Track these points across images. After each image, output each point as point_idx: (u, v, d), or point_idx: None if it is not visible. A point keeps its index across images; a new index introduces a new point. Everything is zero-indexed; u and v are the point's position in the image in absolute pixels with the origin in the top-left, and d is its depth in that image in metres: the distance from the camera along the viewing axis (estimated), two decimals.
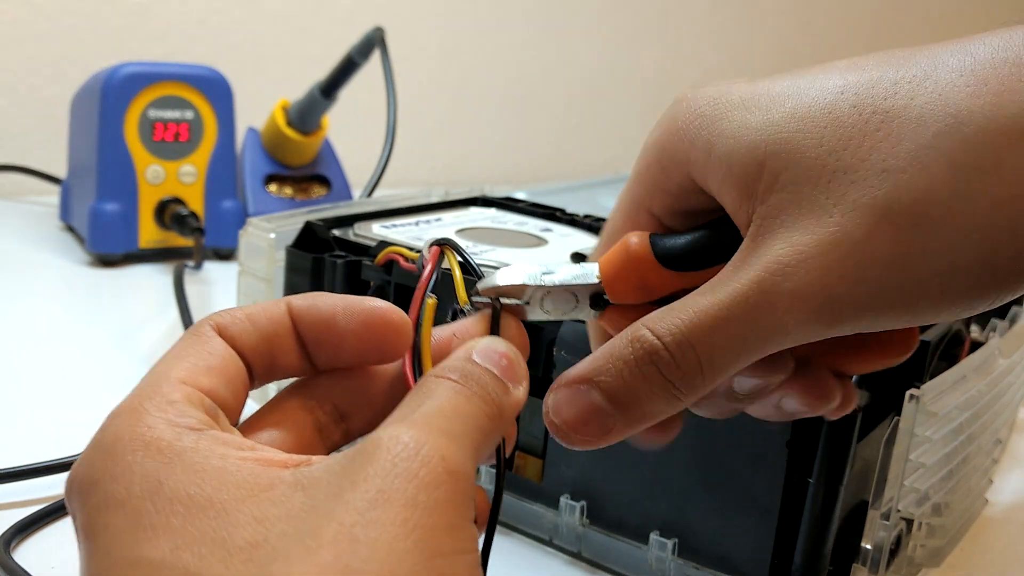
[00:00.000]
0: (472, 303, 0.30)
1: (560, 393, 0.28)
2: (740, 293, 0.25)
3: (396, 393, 0.28)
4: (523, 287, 0.29)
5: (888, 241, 0.24)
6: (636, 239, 0.29)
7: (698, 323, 0.26)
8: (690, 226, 0.30)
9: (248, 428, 0.28)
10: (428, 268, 0.29)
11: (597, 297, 0.29)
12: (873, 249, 0.24)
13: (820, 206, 0.24)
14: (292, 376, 0.29)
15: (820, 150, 0.25)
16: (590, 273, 0.29)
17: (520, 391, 0.27)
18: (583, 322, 0.32)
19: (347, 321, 0.28)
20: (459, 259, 0.30)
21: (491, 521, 0.28)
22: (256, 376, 0.28)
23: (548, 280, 0.29)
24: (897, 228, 0.23)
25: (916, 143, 0.24)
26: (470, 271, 0.30)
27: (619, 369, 0.27)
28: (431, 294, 0.29)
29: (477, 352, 0.27)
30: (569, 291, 0.29)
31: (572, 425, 0.28)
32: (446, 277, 0.29)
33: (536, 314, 0.29)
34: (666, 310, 0.27)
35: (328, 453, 0.29)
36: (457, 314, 0.30)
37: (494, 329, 0.29)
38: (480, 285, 0.29)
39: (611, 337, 0.29)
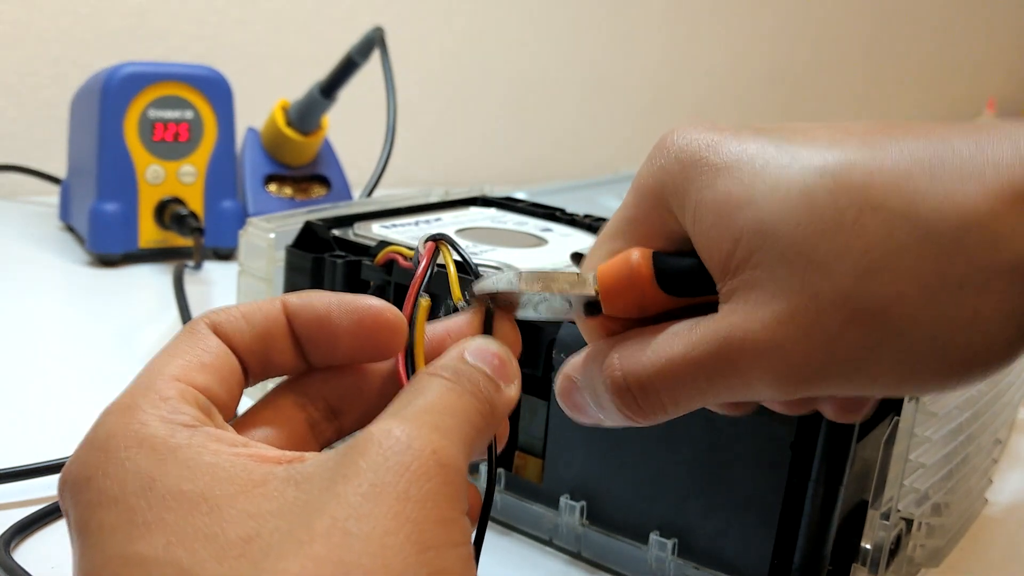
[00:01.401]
0: (466, 300, 0.30)
1: (562, 382, 0.31)
2: (710, 352, 0.26)
3: (389, 390, 0.28)
4: (519, 293, 0.29)
5: (856, 336, 0.25)
6: (638, 256, 0.29)
7: (666, 370, 0.27)
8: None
9: (241, 425, 0.28)
10: (422, 265, 0.29)
11: (592, 305, 0.29)
12: (842, 341, 0.25)
13: (796, 293, 0.25)
14: (287, 374, 0.29)
15: (795, 235, 0.25)
16: (588, 283, 0.29)
17: (512, 390, 0.27)
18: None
19: (342, 319, 0.28)
20: (454, 254, 0.30)
21: (483, 517, 0.28)
22: (251, 374, 0.28)
23: (544, 288, 0.29)
24: (867, 328, 0.25)
25: (887, 250, 0.24)
26: (466, 265, 0.30)
27: (592, 385, 0.29)
28: (424, 294, 0.29)
29: (469, 352, 0.27)
30: (564, 298, 0.29)
31: (572, 409, 0.31)
32: (441, 272, 0.29)
33: (528, 314, 0.30)
34: (639, 346, 0.28)
35: (321, 449, 0.29)
36: (451, 309, 0.30)
37: (487, 328, 0.29)
38: (475, 288, 0.29)
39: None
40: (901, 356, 0.25)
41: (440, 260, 0.30)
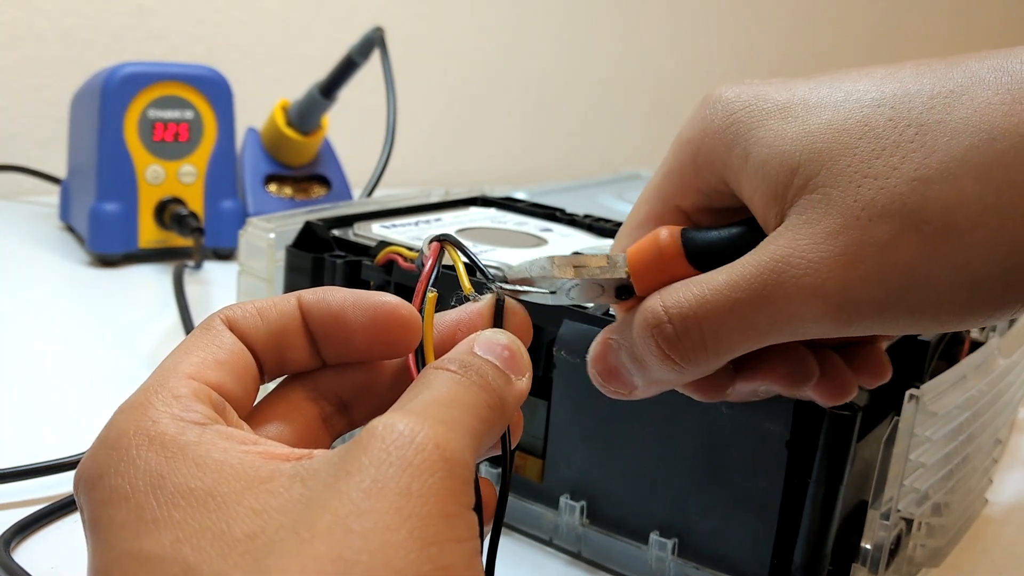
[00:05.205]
0: (477, 290, 0.30)
1: (596, 346, 0.30)
2: (755, 277, 0.26)
3: (400, 385, 0.28)
4: (552, 279, 0.29)
5: (913, 248, 0.24)
6: (667, 234, 0.29)
7: (708, 301, 0.26)
8: (718, 223, 0.30)
9: (253, 419, 0.28)
10: (429, 263, 0.29)
11: (623, 288, 0.29)
12: (897, 254, 0.24)
13: (848, 208, 0.24)
14: (301, 370, 0.29)
15: (853, 158, 0.25)
16: (619, 266, 0.29)
17: (523, 382, 0.27)
18: (585, 312, 0.32)
19: (357, 316, 0.28)
20: (460, 254, 0.30)
21: (498, 512, 0.28)
22: (265, 370, 0.28)
23: (576, 274, 0.29)
24: (923, 236, 0.24)
25: (948, 155, 0.24)
26: (474, 267, 0.30)
27: (632, 336, 0.29)
28: (432, 288, 0.29)
29: (478, 344, 0.27)
30: (597, 283, 0.29)
31: (603, 376, 0.30)
32: (446, 274, 0.29)
33: (561, 301, 0.30)
34: (683, 284, 0.27)
35: (333, 441, 0.29)
36: (462, 300, 0.30)
37: (497, 321, 0.29)
38: (510, 274, 0.29)
39: None
40: (961, 269, 0.24)
41: (445, 260, 0.30)
